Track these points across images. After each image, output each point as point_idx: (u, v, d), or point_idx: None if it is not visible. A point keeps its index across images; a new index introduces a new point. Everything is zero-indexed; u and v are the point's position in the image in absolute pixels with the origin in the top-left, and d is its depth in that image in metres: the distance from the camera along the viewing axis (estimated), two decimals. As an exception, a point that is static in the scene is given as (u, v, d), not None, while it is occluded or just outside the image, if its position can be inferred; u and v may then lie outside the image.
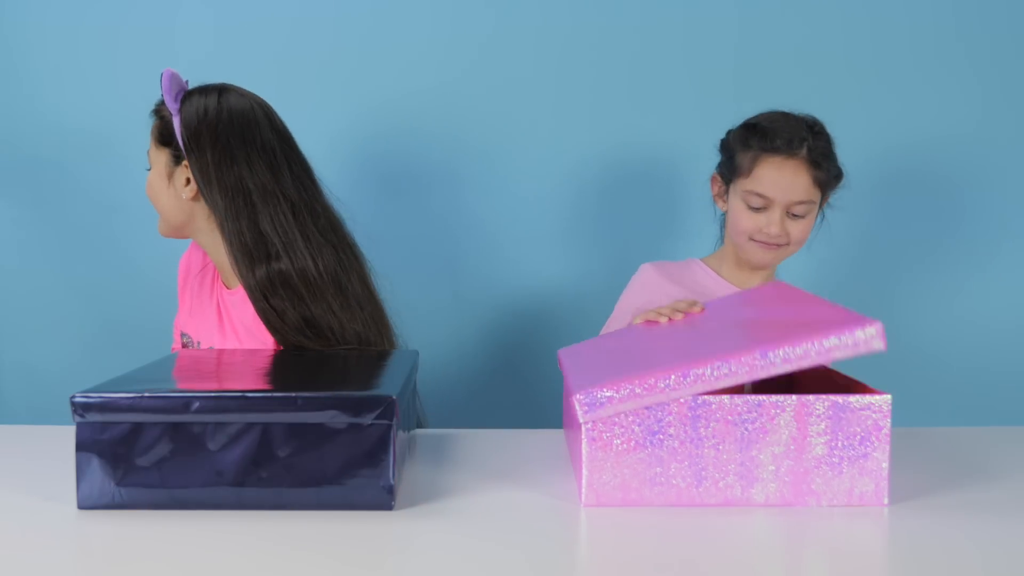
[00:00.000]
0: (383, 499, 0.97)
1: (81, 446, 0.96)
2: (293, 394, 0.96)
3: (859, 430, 0.99)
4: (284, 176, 1.42)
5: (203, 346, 1.49)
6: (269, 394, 0.97)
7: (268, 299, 1.37)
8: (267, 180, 1.40)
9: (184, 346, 1.53)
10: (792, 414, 0.99)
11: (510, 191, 2.01)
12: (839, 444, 0.99)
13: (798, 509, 0.99)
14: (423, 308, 1.59)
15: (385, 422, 0.96)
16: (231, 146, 1.40)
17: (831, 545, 0.91)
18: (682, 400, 0.98)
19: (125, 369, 1.11)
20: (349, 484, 0.96)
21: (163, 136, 1.45)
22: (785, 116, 1.48)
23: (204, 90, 1.45)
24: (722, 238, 1.61)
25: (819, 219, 1.52)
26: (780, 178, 1.43)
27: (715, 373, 0.98)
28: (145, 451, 0.96)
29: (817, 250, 1.66)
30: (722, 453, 0.99)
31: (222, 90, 1.45)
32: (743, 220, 1.47)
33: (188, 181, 1.43)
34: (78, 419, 0.96)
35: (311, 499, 0.96)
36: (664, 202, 1.95)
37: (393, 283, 1.51)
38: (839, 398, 0.99)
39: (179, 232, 1.49)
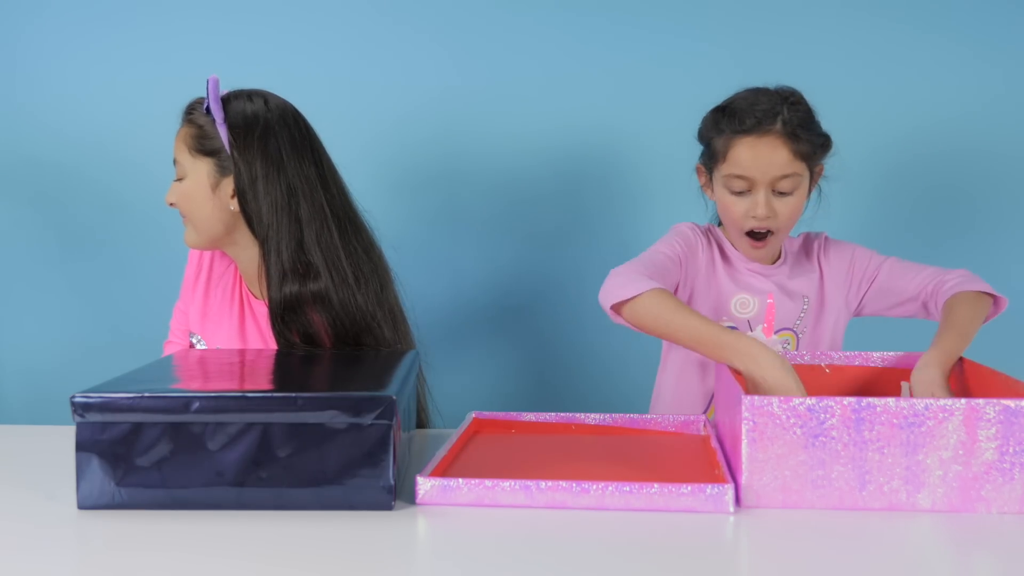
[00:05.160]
0: (383, 499, 0.97)
1: (81, 446, 0.96)
2: (293, 394, 0.96)
3: None
4: (331, 189, 1.38)
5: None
6: (269, 394, 0.97)
7: (284, 318, 1.32)
8: (316, 193, 1.35)
9: (191, 346, 1.52)
10: (961, 418, 0.95)
11: (510, 191, 2.01)
12: (1010, 449, 0.95)
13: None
14: (423, 308, 1.59)
15: (385, 422, 0.96)
16: (281, 156, 1.34)
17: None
18: (846, 403, 0.96)
19: (125, 369, 1.11)
20: (349, 484, 0.96)
21: (203, 145, 1.37)
22: (757, 93, 1.42)
23: (248, 95, 1.39)
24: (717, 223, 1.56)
25: (816, 195, 1.47)
26: (756, 156, 1.37)
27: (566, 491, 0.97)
28: (145, 451, 0.96)
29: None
30: (887, 457, 0.96)
31: (266, 96, 1.39)
32: (731, 207, 1.42)
33: (234, 193, 1.36)
34: (78, 419, 0.96)
35: (311, 499, 0.96)
36: (665, 201, 1.95)
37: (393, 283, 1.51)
38: (1011, 402, 0.94)
39: (213, 244, 1.41)
